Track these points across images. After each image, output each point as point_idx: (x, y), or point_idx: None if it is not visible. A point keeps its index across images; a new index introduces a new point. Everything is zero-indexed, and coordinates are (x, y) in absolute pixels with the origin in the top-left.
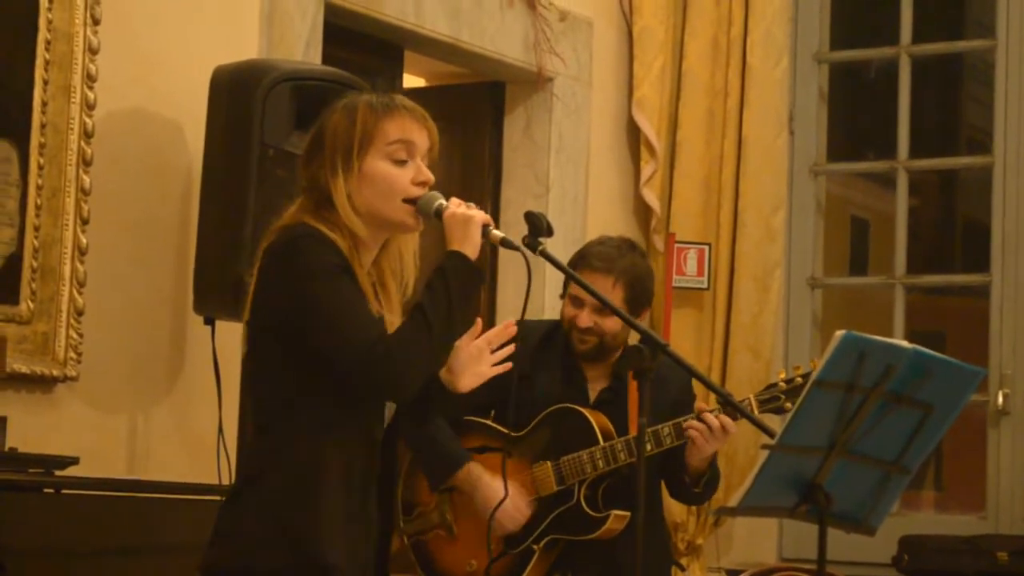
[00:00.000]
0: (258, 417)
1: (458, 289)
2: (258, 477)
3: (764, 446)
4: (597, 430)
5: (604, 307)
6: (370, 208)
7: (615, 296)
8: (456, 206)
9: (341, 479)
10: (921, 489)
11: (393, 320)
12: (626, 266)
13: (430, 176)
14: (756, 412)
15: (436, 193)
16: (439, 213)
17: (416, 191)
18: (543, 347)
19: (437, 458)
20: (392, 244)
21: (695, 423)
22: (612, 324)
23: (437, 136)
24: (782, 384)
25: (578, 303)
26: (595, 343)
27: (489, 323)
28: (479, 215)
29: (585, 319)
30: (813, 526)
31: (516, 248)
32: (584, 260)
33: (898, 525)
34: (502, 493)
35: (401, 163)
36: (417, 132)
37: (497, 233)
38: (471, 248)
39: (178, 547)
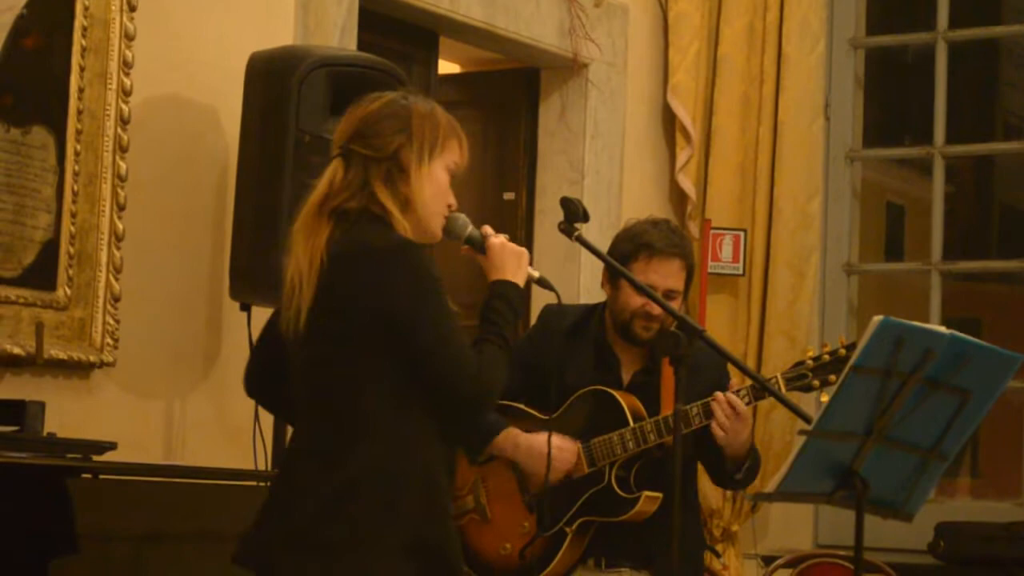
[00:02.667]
0: (344, 426)
1: (515, 319)
2: (365, 487)
3: (801, 432)
4: (627, 412)
5: (669, 293)
6: (422, 205)
7: (682, 279)
8: (495, 236)
9: (446, 485)
10: (957, 476)
11: None
12: (688, 248)
13: (455, 204)
14: (784, 390)
15: (465, 218)
16: (473, 239)
17: (446, 211)
18: (575, 331)
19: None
20: None
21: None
22: (675, 307)
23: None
24: (810, 362)
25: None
26: (656, 330)
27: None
28: (524, 251)
29: (659, 307)
30: (848, 513)
31: (550, 288)
32: (650, 247)
33: (934, 511)
34: (545, 438)
35: (449, 178)
36: (463, 162)
37: (534, 271)
38: (521, 278)
39: (214, 532)
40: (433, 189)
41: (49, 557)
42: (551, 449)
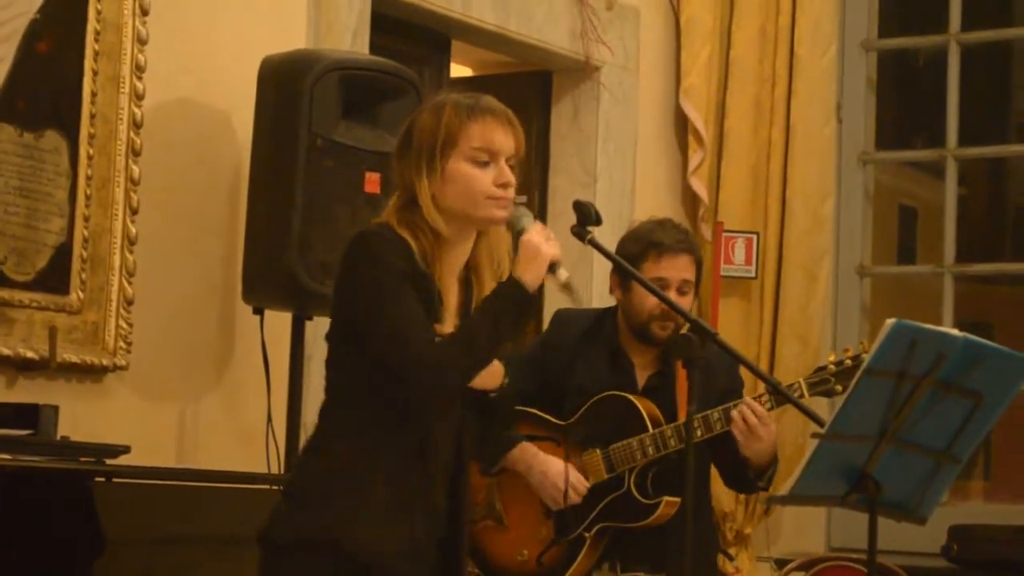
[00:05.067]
0: (324, 400)
1: (507, 316)
2: (306, 461)
3: (814, 435)
4: (646, 417)
5: (682, 285)
6: (454, 207)
7: (692, 272)
8: (536, 233)
9: (380, 472)
10: (970, 479)
11: None
12: (695, 243)
13: (511, 178)
14: (807, 395)
15: (527, 211)
16: (520, 235)
17: (498, 192)
18: (588, 335)
19: (489, 440)
20: (488, 236)
21: (735, 415)
22: (687, 303)
23: (523, 138)
24: (831, 367)
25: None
26: (673, 328)
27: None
28: (549, 251)
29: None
30: (861, 516)
31: (573, 293)
32: (659, 244)
33: (947, 514)
34: (560, 465)
35: (483, 165)
36: (501, 136)
37: (563, 272)
38: (532, 278)
39: (227, 536)
40: (456, 188)
41: (63, 560)
42: (565, 486)
